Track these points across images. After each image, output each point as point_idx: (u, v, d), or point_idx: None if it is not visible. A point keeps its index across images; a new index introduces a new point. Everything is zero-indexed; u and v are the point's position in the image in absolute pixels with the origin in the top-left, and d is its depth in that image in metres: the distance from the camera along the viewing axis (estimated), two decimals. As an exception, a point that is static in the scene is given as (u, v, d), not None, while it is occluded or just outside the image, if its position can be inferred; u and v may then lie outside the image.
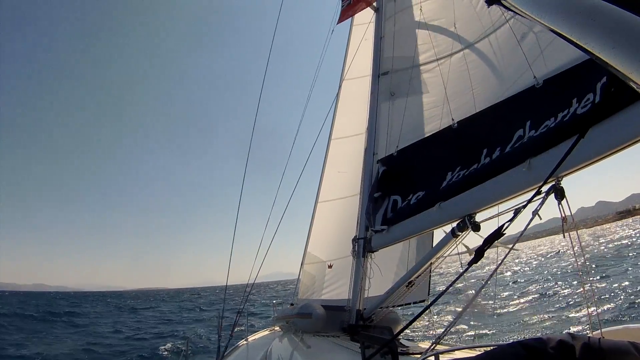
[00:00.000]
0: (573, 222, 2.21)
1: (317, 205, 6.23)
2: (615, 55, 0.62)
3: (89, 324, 22.85)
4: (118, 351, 14.19)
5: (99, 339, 16.63)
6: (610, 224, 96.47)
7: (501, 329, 11.15)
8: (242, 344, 5.32)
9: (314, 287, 6.06)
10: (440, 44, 4.05)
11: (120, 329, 20.42)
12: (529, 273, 27.18)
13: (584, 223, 36.27)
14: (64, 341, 16.47)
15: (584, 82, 2.32)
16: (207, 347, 13.15)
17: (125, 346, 15.16)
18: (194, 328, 19.93)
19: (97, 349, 14.45)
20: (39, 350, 13.87)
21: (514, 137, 2.64)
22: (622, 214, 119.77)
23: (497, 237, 2.21)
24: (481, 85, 3.41)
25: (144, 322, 24.77)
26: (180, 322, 24.13)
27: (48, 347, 14.61)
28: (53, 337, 17.49)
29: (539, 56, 2.77)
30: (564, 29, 0.73)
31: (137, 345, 15.28)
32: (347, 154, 6.06)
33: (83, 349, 14.49)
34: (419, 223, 3.24)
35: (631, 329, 2.54)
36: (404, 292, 3.64)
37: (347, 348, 3.23)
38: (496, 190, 2.63)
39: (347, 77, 5.92)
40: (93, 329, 20.70)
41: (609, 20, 0.64)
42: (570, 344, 1.36)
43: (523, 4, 0.88)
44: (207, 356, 11.69)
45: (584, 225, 21.49)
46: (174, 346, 14.02)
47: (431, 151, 3.51)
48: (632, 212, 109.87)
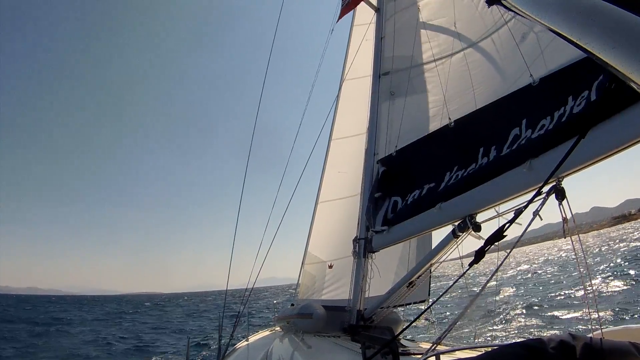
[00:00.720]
0: (574, 223, 2.21)
1: (318, 205, 6.23)
2: (616, 56, 0.62)
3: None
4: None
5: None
6: (607, 229, 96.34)
7: (502, 328, 11.15)
8: (242, 344, 5.32)
9: (314, 287, 6.06)
10: (441, 44, 4.05)
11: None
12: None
13: (579, 228, 36.28)
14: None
15: (579, 80, 2.32)
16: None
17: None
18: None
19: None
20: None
21: (509, 136, 2.64)
22: (618, 219, 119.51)
23: (498, 238, 2.20)
24: (482, 85, 3.41)
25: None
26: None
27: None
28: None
29: (539, 56, 2.77)
30: (564, 29, 0.73)
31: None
32: (348, 154, 6.06)
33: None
34: (420, 223, 3.24)
35: (632, 329, 2.54)
36: (404, 293, 3.63)
37: (348, 348, 3.23)
38: (497, 190, 2.63)
39: (347, 78, 5.93)
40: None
41: (609, 20, 0.64)
42: (570, 344, 1.36)
43: (523, 4, 0.88)
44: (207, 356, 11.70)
45: (579, 231, 21.70)
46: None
47: (429, 151, 3.51)
48: (628, 217, 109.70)
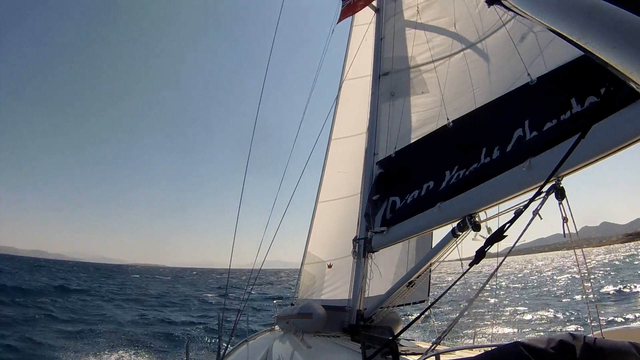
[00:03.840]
0: (574, 223, 2.20)
1: (317, 205, 6.23)
2: (615, 55, 0.62)
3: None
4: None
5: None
6: (617, 245, 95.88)
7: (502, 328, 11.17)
8: (242, 344, 5.32)
9: (314, 287, 6.06)
10: (441, 44, 4.05)
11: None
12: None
13: (588, 242, 35.34)
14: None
15: (579, 79, 2.31)
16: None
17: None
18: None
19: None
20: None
21: (513, 136, 2.63)
22: (630, 237, 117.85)
23: (498, 237, 2.20)
24: (482, 85, 3.40)
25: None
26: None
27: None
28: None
29: (539, 56, 2.77)
30: (564, 29, 0.73)
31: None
32: (347, 154, 6.05)
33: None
34: (419, 223, 3.24)
35: (632, 329, 2.54)
36: (404, 293, 3.63)
37: (348, 348, 3.23)
38: (496, 190, 2.63)
39: (347, 78, 5.93)
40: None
41: (609, 20, 0.64)
42: (570, 344, 1.36)
43: (523, 4, 0.88)
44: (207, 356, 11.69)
45: (588, 244, 21.15)
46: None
47: (429, 151, 3.51)
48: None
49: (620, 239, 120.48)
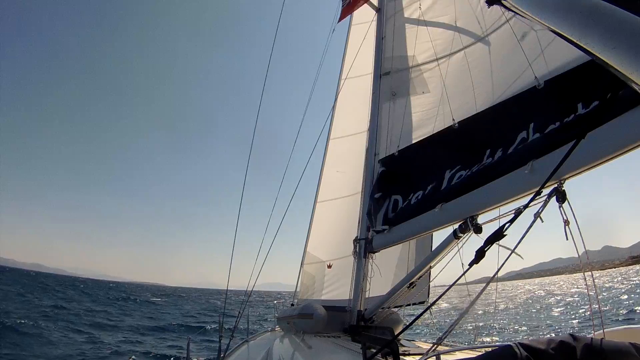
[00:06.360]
0: (577, 225, 2.18)
1: (317, 204, 6.23)
2: (616, 56, 0.62)
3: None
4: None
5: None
6: (620, 268, 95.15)
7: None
8: (242, 344, 5.32)
9: (314, 287, 6.06)
10: (441, 44, 4.04)
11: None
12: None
13: (591, 265, 34.80)
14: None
15: (585, 83, 2.30)
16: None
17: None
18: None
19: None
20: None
21: (517, 139, 2.62)
22: (636, 259, 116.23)
23: (498, 238, 2.20)
24: (482, 85, 3.40)
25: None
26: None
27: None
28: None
29: (540, 55, 2.76)
30: (564, 29, 0.72)
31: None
32: (346, 153, 6.05)
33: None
34: (421, 224, 3.23)
35: (632, 330, 2.53)
36: (405, 293, 3.63)
37: (348, 349, 3.22)
38: (498, 192, 2.62)
39: (346, 77, 5.93)
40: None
41: (610, 21, 0.64)
42: (571, 344, 1.35)
43: (523, 4, 0.88)
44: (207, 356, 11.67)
45: (591, 267, 20.81)
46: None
47: (432, 151, 3.50)
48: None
49: (624, 262, 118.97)
